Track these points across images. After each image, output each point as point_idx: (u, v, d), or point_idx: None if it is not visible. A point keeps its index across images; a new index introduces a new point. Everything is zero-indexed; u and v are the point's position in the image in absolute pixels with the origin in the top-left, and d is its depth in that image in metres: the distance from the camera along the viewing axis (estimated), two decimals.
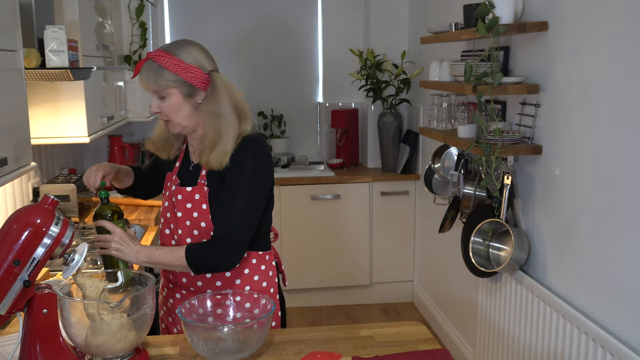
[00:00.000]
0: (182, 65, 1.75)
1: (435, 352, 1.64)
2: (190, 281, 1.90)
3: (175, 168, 1.94)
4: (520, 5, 2.45)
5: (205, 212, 1.82)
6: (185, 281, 1.91)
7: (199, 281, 1.89)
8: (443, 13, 3.61)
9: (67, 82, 2.63)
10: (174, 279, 1.94)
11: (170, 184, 1.92)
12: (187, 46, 1.79)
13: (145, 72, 1.76)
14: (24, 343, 1.46)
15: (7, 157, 1.79)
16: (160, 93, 1.77)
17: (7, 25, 1.91)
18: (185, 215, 1.84)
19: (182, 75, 1.75)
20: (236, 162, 1.78)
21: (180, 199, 1.85)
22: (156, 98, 1.79)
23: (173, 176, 1.92)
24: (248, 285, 1.90)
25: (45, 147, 3.26)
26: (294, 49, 4.69)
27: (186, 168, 1.92)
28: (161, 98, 1.78)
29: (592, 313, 2.13)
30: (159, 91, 1.77)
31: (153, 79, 1.75)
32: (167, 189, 1.93)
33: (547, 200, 2.41)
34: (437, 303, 3.98)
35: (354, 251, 4.28)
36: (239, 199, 1.78)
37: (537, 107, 2.45)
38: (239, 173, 1.78)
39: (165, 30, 4.55)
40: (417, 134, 4.19)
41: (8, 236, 1.41)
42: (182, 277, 1.90)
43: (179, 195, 1.85)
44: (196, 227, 1.83)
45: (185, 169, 1.92)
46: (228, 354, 1.57)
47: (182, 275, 1.90)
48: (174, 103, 1.77)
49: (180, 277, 1.91)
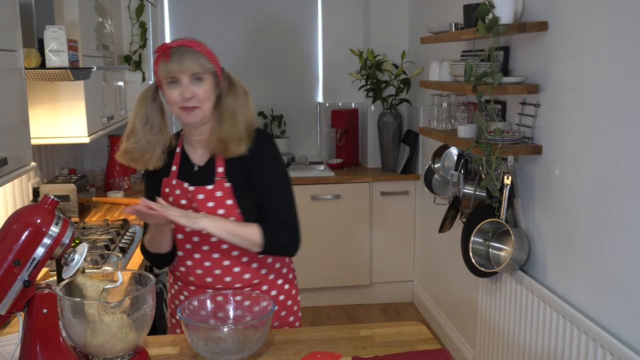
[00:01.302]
0: (212, 54, 1.79)
1: (435, 352, 1.64)
2: (199, 278, 1.88)
3: (172, 172, 1.89)
4: (520, 5, 2.45)
5: (231, 207, 1.82)
6: (194, 279, 1.89)
7: (208, 277, 1.87)
8: (443, 13, 3.61)
9: (67, 82, 2.63)
10: (182, 277, 1.92)
11: (170, 189, 1.88)
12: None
13: (187, 55, 1.74)
14: (24, 343, 1.46)
15: (7, 157, 1.79)
16: (198, 75, 1.76)
17: (7, 25, 1.91)
18: (209, 213, 1.82)
19: (214, 63, 1.79)
20: (264, 150, 1.85)
21: (201, 198, 1.83)
22: (190, 82, 1.75)
23: (173, 180, 1.88)
24: (265, 269, 1.91)
25: (45, 147, 3.26)
26: (294, 49, 4.70)
27: (188, 170, 1.89)
28: (198, 80, 1.76)
29: (592, 313, 2.13)
30: (198, 74, 1.75)
31: (196, 60, 1.74)
32: (170, 194, 1.88)
33: (547, 200, 2.41)
34: (437, 303, 3.98)
35: (354, 251, 4.28)
36: (285, 188, 1.87)
37: (537, 107, 2.45)
38: (273, 162, 1.86)
39: (165, 30, 4.55)
40: (417, 134, 4.19)
41: (8, 236, 1.41)
42: (191, 275, 1.89)
43: (200, 195, 1.83)
44: None
45: (188, 171, 1.89)
46: (228, 354, 1.57)
47: (192, 273, 1.88)
48: (209, 89, 1.78)
49: (188, 275, 1.89)
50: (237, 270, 1.87)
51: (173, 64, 1.74)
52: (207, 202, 1.82)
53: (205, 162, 1.88)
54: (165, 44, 1.78)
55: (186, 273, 1.91)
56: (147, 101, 1.86)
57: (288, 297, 1.98)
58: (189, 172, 1.89)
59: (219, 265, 1.86)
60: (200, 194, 1.83)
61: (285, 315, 1.98)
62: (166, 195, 1.89)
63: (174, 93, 1.77)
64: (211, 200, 1.82)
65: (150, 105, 1.86)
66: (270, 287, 1.93)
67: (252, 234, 1.79)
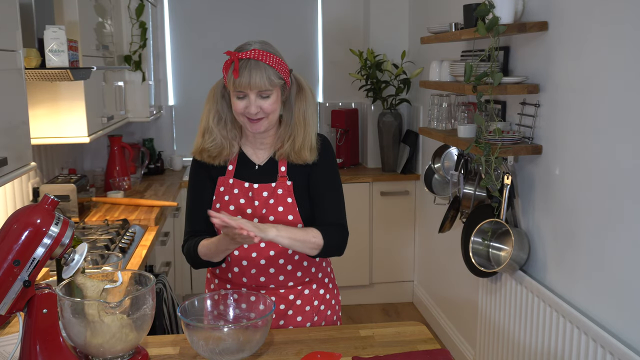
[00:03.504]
0: (281, 64, 1.77)
1: (435, 352, 1.64)
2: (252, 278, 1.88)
3: (228, 172, 1.89)
4: (520, 5, 2.45)
5: (291, 205, 1.84)
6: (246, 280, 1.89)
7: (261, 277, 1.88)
8: (443, 13, 3.61)
9: (67, 82, 2.63)
10: (234, 277, 1.91)
11: (226, 187, 1.87)
12: (271, 43, 1.81)
13: (255, 71, 1.72)
14: (24, 343, 1.46)
15: (7, 157, 1.79)
16: (267, 92, 1.75)
17: (7, 25, 1.91)
18: (269, 210, 1.84)
19: (282, 73, 1.77)
20: (326, 155, 1.89)
21: (265, 195, 1.84)
22: (256, 97, 1.75)
23: (230, 179, 1.88)
24: (314, 266, 1.94)
25: (45, 147, 3.26)
26: (294, 49, 4.69)
27: (248, 169, 1.89)
28: (264, 97, 1.76)
29: (592, 313, 2.13)
30: (267, 90, 1.75)
31: (267, 78, 1.73)
32: (226, 193, 1.87)
33: (547, 200, 2.41)
34: (437, 303, 3.98)
35: (354, 251, 4.28)
36: (338, 189, 1.91)
37: (537, 107, 2.45)
38: (331, 165, 1.90)
39: (165, 30, 4.55)
40: (417, 134, 4.19)
41: (8, 236, 1.41)
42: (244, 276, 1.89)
43: (264, 192, 1.85)
44: (282, 221, 1.83)
45: (248, 171, 1.89)
46: (228, 354, 1.57)
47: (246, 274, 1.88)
48: (275, 101, 1.78)
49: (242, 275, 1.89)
50: (289, 268, 1.89)
51: (241, 80, 1.73)
52: (269, 199, 1.84)
53: (266, 162, 1.89)
54: (235, 53, 1.75)
55: (239, 274, 1.90)
56: (217, 98, 1.87)
57: (332, 296, 2.02)
58: (249, 171, 1.89)
59: (275, 263, 1.87)
60: (265, 191, 1.85)
61: (331, 314, 2.01)
62: (221, 195, 1.89)
63: (240, 104, 1.77)
64: (273, 197, 1.84)
65: (220, 102, 1.87)
66: (318, 285, 1.96)
67: (314, 236, 1.80)
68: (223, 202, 1.87)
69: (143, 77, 3.83)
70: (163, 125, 4.63)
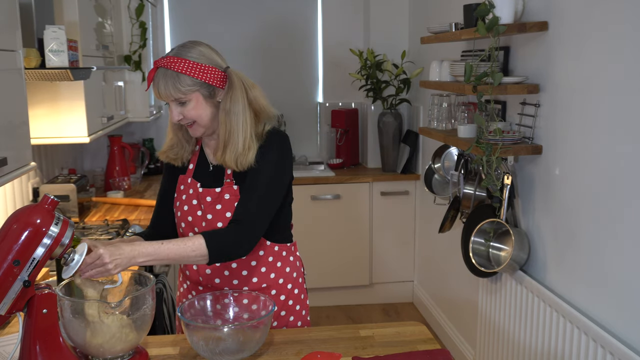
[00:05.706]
0: (197, 67, 1.72)
1: (435, 352, 1.64)
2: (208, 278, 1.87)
3: (189, 170, 1.90)
4: (520, 5, 2.45)
5: None
6: (202, 279, 1.88)
7: (216, 278, 1.87)
8: (443, 13, 3.61)
9: (67, 82, 2.63)
10: (192, 276, 1.91)
11: (185, 187, 1.88)
12: (196, 47, 1.76)
13: (162, 81, 1.71)
14: (24, 343, 1.46)
15: (7, 157, 1.79)
16: (181, 99, 1.73)
17: (7, 25, 1.91)
18: (216, 216, 1.81)
19: (200, 77, 1.72)
20: (260, 153, 1.78)
21: (209, 200, 1.82)
22: (176, 105, 1.74)
23: (188, 179, 1.88)
24: (273, 272, 1.89)
25: (45, 147, 3.26)
26: (294, 49, 4.69)
27: (204, 169, 1.89)
28: (182, 104, 1.74)
29: (592, 313, 2.12)
30: (179, 98, 1.73)
31: (173, 86, 1.70)
32: (184, 192, 1.88)
33: (547, 200, 2.41)
34: (437, 303, 3.98)
35: (354, 251, 4.28)
36: (259, 186, 1.77)
37: (537, 107, 2.45)
38: (262, 162, 1.78)
39: (165, 30, 4.55)
40: (417, 134, 4.19)
41: (8, 236, 1.41)
42: (201, 275, 1.88)
43: (208, 197, 1.82)
44: None
45: (203, 171, 1.88)
46: (228, 354, 1.57)
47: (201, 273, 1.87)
48: (196, 106, 1.74)
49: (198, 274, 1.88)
50: (245, 273, 1.86)
51: (158, 91, 1.74)
52: (215, 205, 1.82)
53: (219, 163, 1.86)
54: (156, 61, 1.75)
55: (196, 272, 1.90)
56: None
57: (297, 302, 1.96)
58: (204, 171, 1.88)
59: (227, 266, 1.85)
60: (208, 197, 1.83)
61: (293, 320, 1.96)
62: (180, 193, 1.89)
63: (170, 112, 1.78)
64: (219, 202, 1.81)
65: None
66: (278, 291, 1.91)
67: (195, 248, 1.66)
68: (181, 201, 1.88)
69: (143, 77, 3.83)
70: (163, 125, 4.63)
